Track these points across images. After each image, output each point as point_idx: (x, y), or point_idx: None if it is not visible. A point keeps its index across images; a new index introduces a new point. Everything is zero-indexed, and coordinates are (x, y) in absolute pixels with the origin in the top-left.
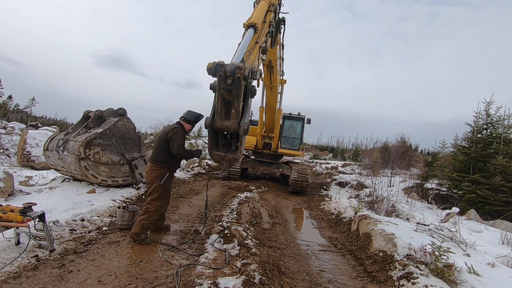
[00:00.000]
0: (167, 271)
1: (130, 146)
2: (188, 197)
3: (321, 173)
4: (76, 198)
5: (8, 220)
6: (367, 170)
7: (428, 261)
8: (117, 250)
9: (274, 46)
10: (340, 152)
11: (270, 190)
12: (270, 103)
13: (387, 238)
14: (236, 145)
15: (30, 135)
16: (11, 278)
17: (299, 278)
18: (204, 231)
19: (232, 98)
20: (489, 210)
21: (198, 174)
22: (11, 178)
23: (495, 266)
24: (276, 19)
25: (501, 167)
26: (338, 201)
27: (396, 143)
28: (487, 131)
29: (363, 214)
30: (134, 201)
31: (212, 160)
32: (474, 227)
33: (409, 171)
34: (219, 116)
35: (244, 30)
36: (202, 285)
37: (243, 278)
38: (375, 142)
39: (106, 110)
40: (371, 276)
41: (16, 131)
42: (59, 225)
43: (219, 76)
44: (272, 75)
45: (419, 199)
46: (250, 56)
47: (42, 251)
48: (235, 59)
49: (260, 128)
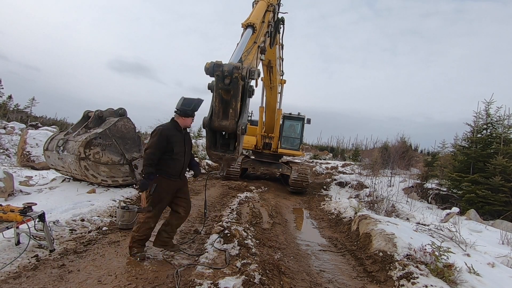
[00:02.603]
0: (167, 271)
1: (130, 146)
2: None
3: (321, 173)
4: (76, 198)
5: (8, 220)
6: (367, 170)
7: (428, 261)
8: (117, 250)
9: (273, 46)
10: (340, 152)
11: (270, 190)
12: (270, 103)
13: (387, 238)
14: (234, 145)
15: (30, 135)
16: (11, 278)
17: (299, 278)
18: (204, 231)
19: (230, 98)
20: (489, 210)
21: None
22: (11, 178)
23: (495, 266)
24: (275, 19)
25: (501, 167)
26: (338, 201)
27: (396, 143)
28: (487, 131)
29: (363, 214)
30: (134, 201)
31: (210, 160)
32: (474, 227)
33: (409, 171)
34: (217, 116)
35: (243, 30)
36: (202, 285)
37: (243, 278)
38: (375, 142)
39: (106, 110)
40: (371, 276)
41: (16, 131)
42: (59, 225)
43: (217, 76)
44: (272, 75)
45: (419, 199)
46: (248, 56)
47: (42, 251)
48: (233, 59)
49: (260, 128)
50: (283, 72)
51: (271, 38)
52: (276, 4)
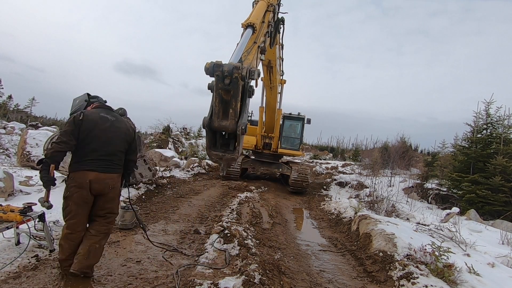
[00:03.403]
0: (167, 271)
1: None
2: (188, 197)
3: (321, 173)
4: None
5: (8, 220)
6: (367, 170)
7: (428, 261)
8: (117, 250)
9: (273, 46)
10: (340, 152)
11: (270, 190)
12: (270, 103)
13: (387, 238)
14: (234, 145)
15: (30, 135)
16: (11, 278)
17: (299, 278)
18: (204, 231)
19: (230, 98)
20: (489, 210)
21: (198, 174)
22: (11, 178)
23: (495, 266)
24: (275, 19)
25: (501, 167)
26: (338, 201)
27: (396, 143)
28: (487, 131)
29: (363, 214)
30: (134, 201)
31: (210, 160)
32: (474, 227)
33: (409, 171)
34: (217, 116)
35: (243, 30)
36: (202, 285)
37: (243, 278)
38: (375, 142)
39: None
40: (371, 276)
41: (16, 131)
42: (59, 225)
43: (217, 76)
44: (272, 75)
45: (419, 199)
46: (248, 56)
47: (42, 251)
48: (233, 59)
49: (260, 128)
50: (283, 72)
51: (271, 38)
52: (276, 4)
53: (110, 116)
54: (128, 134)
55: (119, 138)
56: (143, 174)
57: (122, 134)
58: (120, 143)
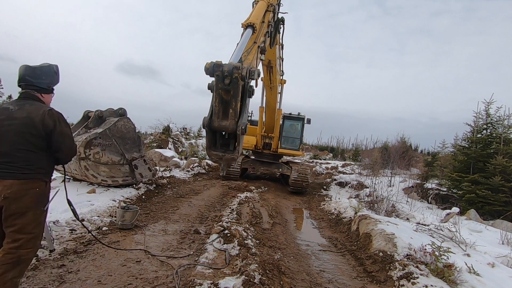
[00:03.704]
0: (167, 271)
1: (130, 146)
2: (188, 197)
3: (321, 173)
4: (76, 198)
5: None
6: (367, 170)
7: (428, 261)
8: (117, 250)
9: (273, 46)
10: (340, 152)
11: (270, 190)
12: (270, 103)
13: (387, 238)
14: (234, 145)
15: None
16: None
17: (299, 278)
18: (204, 231)
19: (230, 98)
20: (489, 210)
21: (198, 174)
22: None
23: (495, 266)
24: (275, 19)
25: (501, 167)
26: (338, 201)
27: (396, 143)
28: (487, 131)
29: (363, 214)
30: (134, 201)
31: (210, 160)
32: (474, 227)
33: (409, 171)
34: (217, 116)
35: (243, 30)
36: (202, 285)
37: (243, 278)
38: (375, 142)
39: (106, 110)
40: (371, 276)
41: None
42: (59, 225)
43: (217, 76)
44: (272, 75)
45: (419, 199)
46: (248, 56)
47: (42, 251)
48: (233, 59)
49: (260, 128)
50: (283, 72)
51: (271, 38)
52: (276, 4)
53: (15, 106)
54: (30, 125)
55: (15, 132)
56: (143, 174)
57: (20, 126)
58: (20, 139)
